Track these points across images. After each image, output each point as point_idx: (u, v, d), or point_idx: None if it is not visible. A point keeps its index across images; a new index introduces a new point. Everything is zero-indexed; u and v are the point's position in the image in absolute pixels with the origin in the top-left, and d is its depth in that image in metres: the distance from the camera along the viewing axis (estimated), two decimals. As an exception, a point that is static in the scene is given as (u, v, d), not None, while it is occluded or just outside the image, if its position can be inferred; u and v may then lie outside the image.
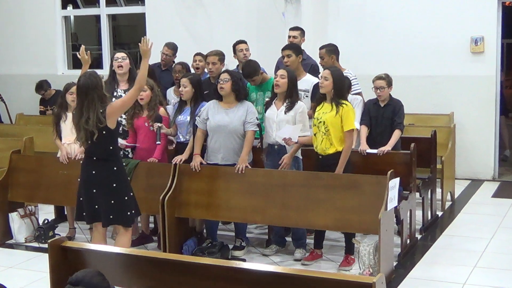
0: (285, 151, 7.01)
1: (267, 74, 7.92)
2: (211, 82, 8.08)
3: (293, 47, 7.84)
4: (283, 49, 7.82)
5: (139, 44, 6.17)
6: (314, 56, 8.69)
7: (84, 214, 6.14)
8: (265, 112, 7.19)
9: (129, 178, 7.17)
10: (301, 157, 7.12)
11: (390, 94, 7.80)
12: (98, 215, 6.08)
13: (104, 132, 5.90)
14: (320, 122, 6.69)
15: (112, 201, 6.01)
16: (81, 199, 6.14)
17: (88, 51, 6.61)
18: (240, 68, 8.43)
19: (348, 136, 6.67)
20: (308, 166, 7.10)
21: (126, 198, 6.09)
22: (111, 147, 6.02)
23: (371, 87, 7.85)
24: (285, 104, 7.02)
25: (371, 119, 7.79)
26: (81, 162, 6.30)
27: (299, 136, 6.84)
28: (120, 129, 7.51)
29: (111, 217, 6.05)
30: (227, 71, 7.24)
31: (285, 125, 6.88)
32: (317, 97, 6.98)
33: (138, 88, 6.07)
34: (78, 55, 6.56)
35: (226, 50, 8.51)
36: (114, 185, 6.02)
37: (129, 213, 6.13)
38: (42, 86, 11.74)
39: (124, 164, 7.20)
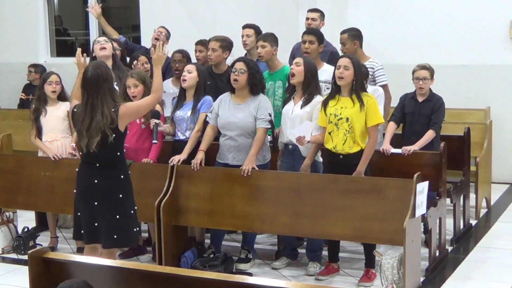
0: (299, 152, 7.02)
1: (279, 61, 7.95)
2: (213, 72, 8.09)
3: (317, 34, 7.81)
4: (306, 33, 7.79)
5: (151, 48, 6.17)
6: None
7: (82, 232, 5.92)
8: (282, 107, 7.18)
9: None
10: (321, 160, 7.13)
11: (430, 89, 7.78)
12: (98, 235, 5.86)
13: (114, 135, 5.72)
14: (341, 119, 6.70)
15: (117, 216, 5.80)
16: (78, 214, 5.93)
17: (85, 54, 6.46)
18: (247, 57, 8.44)
19: (373, 131, 6.69)
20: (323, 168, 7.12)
21: (132, 212, 5.92)
22: (118, 153, 5.86)
23: (395, 78, 7.83)
24: (303, 98, 7.04)
25: (406, 115, 7.76)
26: (76, 169, 6.04)
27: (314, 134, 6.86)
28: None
29: (115, 237, 5.82)
30: (243, 60, 7.20)
31: (300, 122, 6.88)
32: (331, 90, 6.97)
33: (156, 98, 6.02)
34: (74, 62, 6.43)
35: (232, 35, 8.49)
36: (121, 195, 5.83)
37: (135, 229, 5.96)
38: (37, 65, 11.87)
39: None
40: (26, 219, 8.47)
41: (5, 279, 7.11)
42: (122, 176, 5.89)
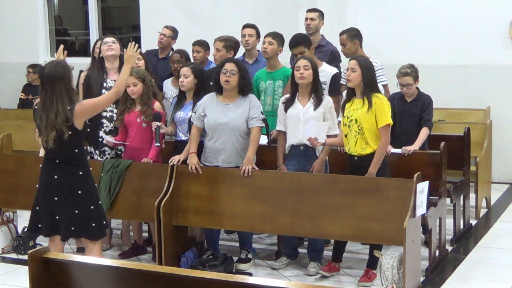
0: (313, 152, 7.01)
1: (279, 62, 7.95)
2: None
3: (304, 41, 7.68)
4: (293, 48, 7.66)
5: (125, 49, 6.27)
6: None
7: (40, 225, 6.08)
8: (285, 110, 7.11)
9: (120, 180, 7.22)
10: (326, 159, 7.13)
11: (417, 88, 7.80)
12: (58, 227, 6.01)
13: (70, 132, 5.82)
14: (352, 120, 6.71)
15: (76, 211, 5.92)
16: (37, 208, 6.08)
17: (65, 52, 6.50)
18: (246, 57, 8.45)
19: (384, 132, 6.69)
20: (331, 168, 7.14)
21: (92, 207, 5.99)
22: (76, 150, 5.95)
23: (395, 81, 7.83)
24: (311, 100, 7.01)
25: (395, 115, 7.79)
26: (40, 165, 6.21)
27: (327, 136, 6.86)
28: (111, 125, 7.56)
29: (72, 228, 5.96)
30: (233, 61, 7.18)
31: (311, 122, 6.87)
32: (347, 93, 6.97)
33: (115, 93, 6.09)
34: (60, 54, 6.48)
35: (233, 35, 8.48)
36: (79, 192, 5.93)
37: (93, 224, 6.02)
38: (36, 66, 11.88)
39: (116, 164, 7.27)
40: (26, 219, 8.37)
41: (5, 279, 7.11)
42: (80, 173, 5.98)
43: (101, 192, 7.20)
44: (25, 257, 5.20)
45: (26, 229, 7.93)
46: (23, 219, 8.39)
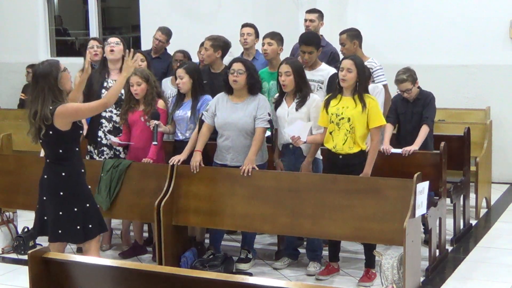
0: (301, 151, 7.03)
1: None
2: (210, 72, 8.10)
3: (315, 42, 7.64)
4: (304, 44, 7.60)
5: (124, 58, 6.20)
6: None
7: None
8: (275, 110, 7.17)
9: (120, 180, 7.21)
10: (320, 158, 7.13)
11: (419, 87, 7.80)
12: (47, 228, 5.97)
13: (51, 132, 5.76)
14: (342, 118, 6.70)
15: (60, 212, 5.87)
16: (37, 206, 6.08)
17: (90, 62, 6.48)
18: (244, 56, 8.46)
19: (376, 133, 6.71)
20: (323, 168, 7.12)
21: (75, 209, 5.89)
22: (60, 151, 5.86)
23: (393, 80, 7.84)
24: (295, 100, 7.03)
25: (399, 116, 7.79)
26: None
27: (313, 134, 6.87)
28: (111, 125, 7.56)
29: (59, 232, 5.90)
30: (240, 60, 7.19)
31: (296, 122, 6.88)
32: (332, 90, 6.97)
33: (103, 103, 5.96)
34: (84, 65, 6.46)
35: (232, 35, 8.49)
36: (62, 193, 5.87)
37: (78, 226, 5.92)
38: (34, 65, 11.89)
39: (116, 164, 7.27)
40: (26, 219, 8.45)
41: (5, 279, 7.11)
42: (63, 174, 5.90)
43: (101, 192, 7.21)
44: (25, 257, 5.19)
45: (26, 229, 7.96)
46: (23, 219, 8.40)
